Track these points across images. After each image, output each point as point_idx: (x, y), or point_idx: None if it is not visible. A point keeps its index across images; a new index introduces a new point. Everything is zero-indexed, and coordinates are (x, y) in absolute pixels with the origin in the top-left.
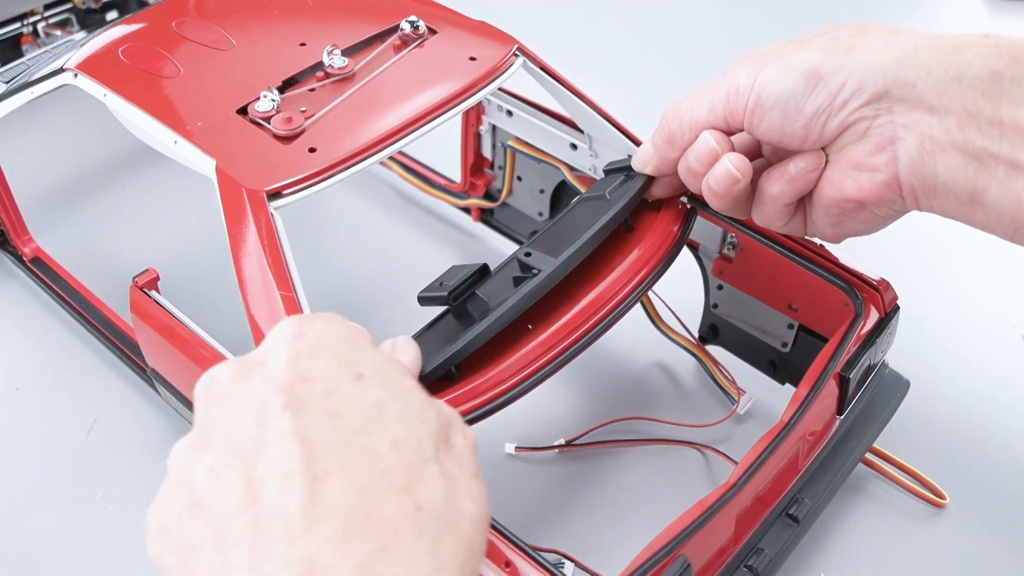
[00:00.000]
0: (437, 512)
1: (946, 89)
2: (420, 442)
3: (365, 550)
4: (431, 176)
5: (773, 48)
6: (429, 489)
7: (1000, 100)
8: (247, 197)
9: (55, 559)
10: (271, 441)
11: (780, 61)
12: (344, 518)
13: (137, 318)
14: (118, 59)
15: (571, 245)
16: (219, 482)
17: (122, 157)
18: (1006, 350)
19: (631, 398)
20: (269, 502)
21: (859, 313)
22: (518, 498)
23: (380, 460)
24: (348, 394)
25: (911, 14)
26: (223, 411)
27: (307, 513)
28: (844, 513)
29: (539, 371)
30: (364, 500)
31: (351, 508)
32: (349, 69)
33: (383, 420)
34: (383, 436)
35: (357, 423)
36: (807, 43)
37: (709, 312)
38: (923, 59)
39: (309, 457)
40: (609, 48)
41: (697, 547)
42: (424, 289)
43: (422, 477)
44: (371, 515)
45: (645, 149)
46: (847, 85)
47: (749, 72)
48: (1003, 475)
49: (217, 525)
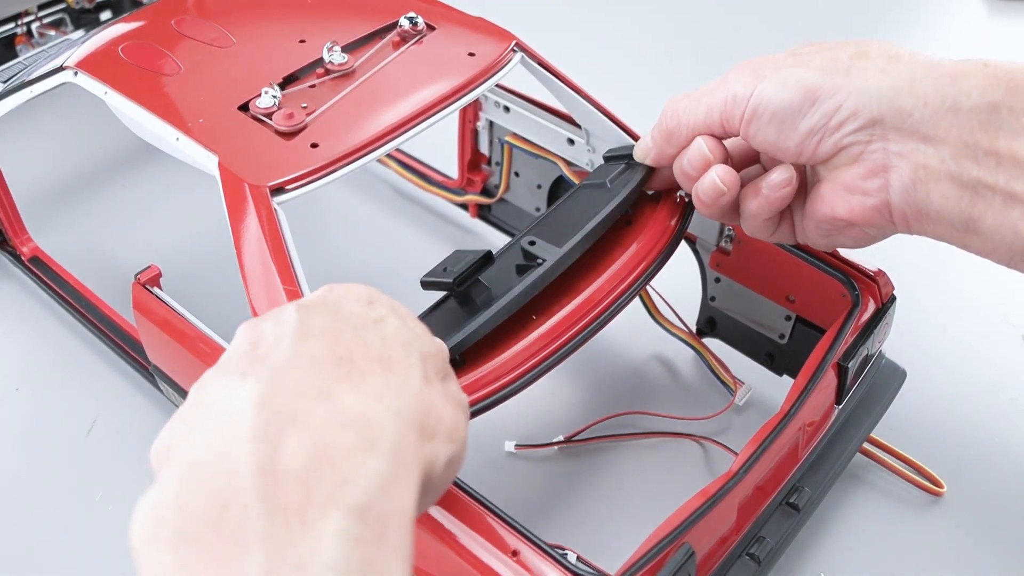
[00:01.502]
0: (407, 379)
1: (942, 119)
2: (409, 344)
3: (331, 374)
4: (428, 173)
5: (772, 59)
6: (403, 368)
7: (997, 131)
8: (250, 193)
9: (55, 559)
10: (277, 327)
11: (779, 76)
12: (322, 360)
13: (140, 315)
14: (118, 57)
15: (574, 235)
16: (223, 363)
17: (121, 156)
18: (1002, 341)
19: (629, 392)
20: (259, 350)
21: (857, 304)
22: (519, 495)
23: (364, 339)
24: (356, 309)
25: (912, 15)
26: (253, 328)
27: (288, 356)
28: (843, 502)
29: (537, 366)
30: (340, 350)
31: (329, 351)
32: (349, 65)
33: (379, 325)
34: (376, 332)
35: (354, 323)
36: (806, 58)
37: (707, 305)
38: (920, 88)
39: (302, 327)
40: (606, 43)
41: (700, 535)
42: (428, 273)
43: (400, 361)
44: (343, 358)
45: (645, 142)
46: (843, 107)
47: (747, 82)
48: (999, 463)
49: (207, 388)
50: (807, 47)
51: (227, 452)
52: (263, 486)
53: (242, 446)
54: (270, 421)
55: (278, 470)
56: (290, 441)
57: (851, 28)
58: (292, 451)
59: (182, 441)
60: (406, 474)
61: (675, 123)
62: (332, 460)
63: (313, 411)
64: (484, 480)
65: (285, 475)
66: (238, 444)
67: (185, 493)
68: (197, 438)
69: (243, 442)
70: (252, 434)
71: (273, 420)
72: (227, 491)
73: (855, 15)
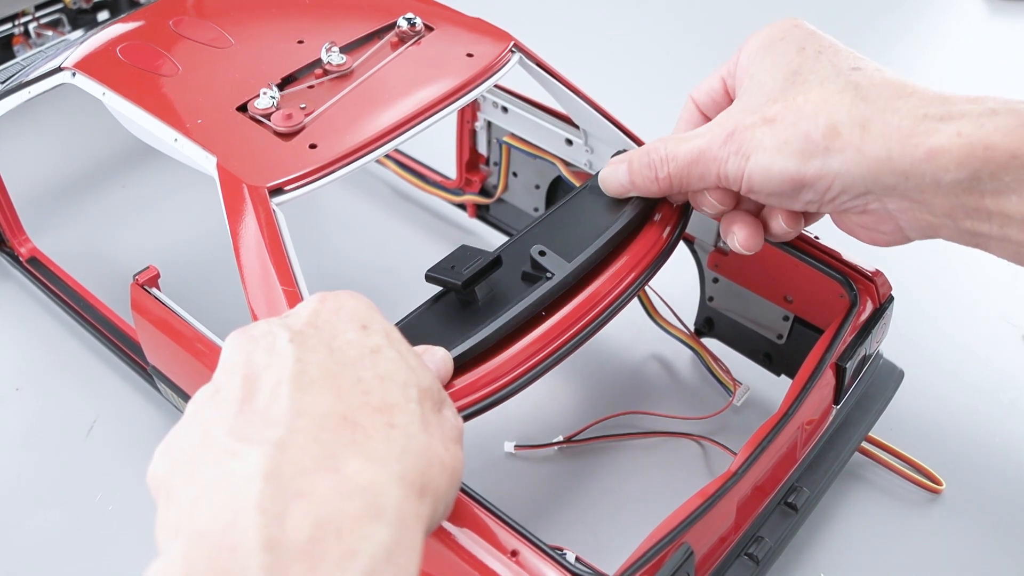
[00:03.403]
0: (409, 435)
1: (926, 190)
2: (407, 384)
3: (335, 440)
4: (427, 173)
5: (744, 116)
6: (405, 418)
7: (982, 195)
8: (248, 193)
9: (55, 559)
10: (272, 364)
11: (760, 161)
12: (321, 416)
13: (138, 316)
14: (116, 58)
15: (584, 249)
16: (219, 396)
17: (119, 156)
18: (1002, 341)
19: (628, 392)
20: (257, 399)
21: (855, 304)
22: (518, 496)
23: (364, 384)
24: (350, 337)
25: (912, 14)
26: (243, 353)
27: (287, 408)
28: (842, 500)
29: (536, 367)
30: (343, 407)
31: (329, 409)
32: (347, 66)
33: (375, 358)
34: (373, 370)
35: (351, 356)
36: (779, 129)
37: (705, 305)
38: (898, 166)
39: (299, 372)
40: (605, 44)
41: (699, 535)
42: (434, 268)
43: (401, 407)
44: (347, 418)
45: (619, 178)
46: (832, 188)
47: (735, 163)
48: (998, 461)
49: (206, 426)
50: (773, 94)
51: (233, 524)
52: (270, 561)
53: (248, 519)
54: (276, 495)
55: (283, 544)
56: (295, 514)
57: (852, 28)
58: (297, 524)
59: (185, 501)
60: (410, 536)
61: (665, 177)
62: (338, 531)
63: (319, 483)
64: (483, 480)
65: (290, 548)
66: (244, 516)
67: (191, 568)
68: (202, 506)
69: (249, 515)
70: (258, 507)
71: (279, 494)
72: (234, 567)
73: (856, 15)
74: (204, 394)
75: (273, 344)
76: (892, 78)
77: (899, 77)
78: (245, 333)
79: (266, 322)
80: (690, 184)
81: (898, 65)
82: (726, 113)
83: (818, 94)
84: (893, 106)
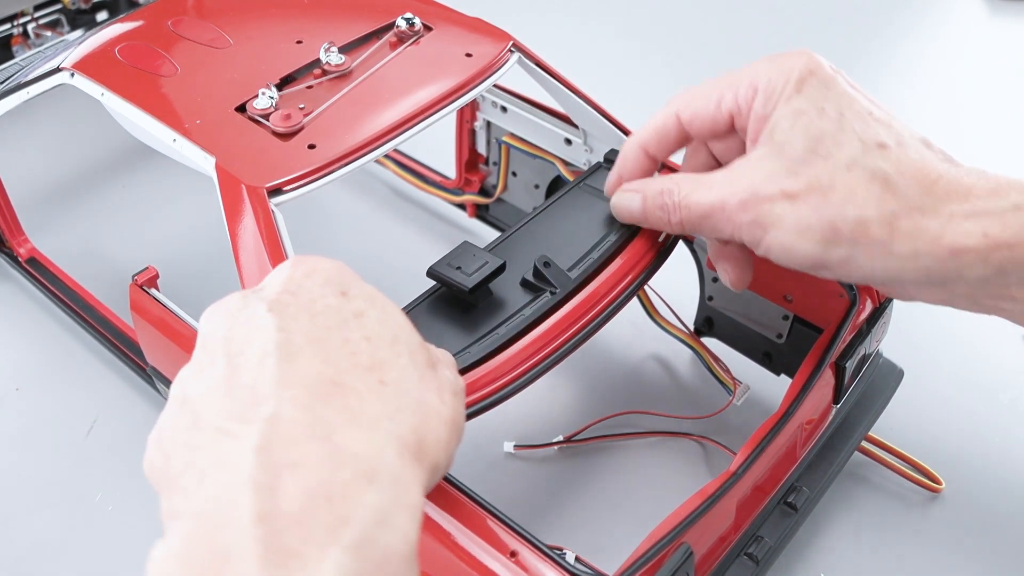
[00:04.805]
0: (402, 391)
1: (949, 282)
2: (395, 340)
3: (326, 407)
4: (426, 173)
5: (763, 185)
6: (396, 373)
7: (1007, 285)
8: (247, 194)
9: (55, 559)
10: (254, 336)
11: (779, 239)
12: (311, 384)
13: (137, 316)
14: (115, 58)
15: (588, 261)
16: (204, 376)
17: (118, 157)
18: (1002, 341)
19: (628, 392)
20: (243, 375)
21: (854, 303)
22: (518, 496)
23: (352, 345)
24: (331, 302)
25: (912, 15)
26: (223, 328)
27: (275, 381)
28: (842, 499)
29: (535, 367)
30: (331, 371)
31: (318, 376)
32: (346, 66)
33: (360, 321)
34: (359, 331)
35: (334, 321)
36: (801, 211)
37: (704, 304)
38: (923, 263)
39: (284, 341)
40: (604, 43)
41: (699, 535)
42: (438, 264)
43: (391, 363)
44: (336, 382)
45: (631, 207)
46: (853, 275)
47: (751, 233)
48: (998, 460)
49: (195, 408)
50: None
51: (227, 501)
52: (263, 533)
53: (241, 494)
54: (267, 468)
55: (275, 515)
56: (288, 485)
57: (852, 28)
58: (290, 495)
59: (183, 486)
60: (406, 496)
61: (677, 223)
62: (330, 498)
63: (310, 453)
64: (483, 481)
65: (283, 519)
66: (238, 492)
67: (190, 547)
68: (199, 488)
69: (242, 490)
70: (251, 482)
71: (270, 466)
72: (229, 542)
73: (857, 15)
74: (187, 375)
75: (252, 317)
76: (916, 160)
77: (922, 156)
78: (221, 308)
79: (240, 294)
80: (702, 232)
81: (899, 65)
82: (742, 169)
83: (845, 182)
84: (921, 203)
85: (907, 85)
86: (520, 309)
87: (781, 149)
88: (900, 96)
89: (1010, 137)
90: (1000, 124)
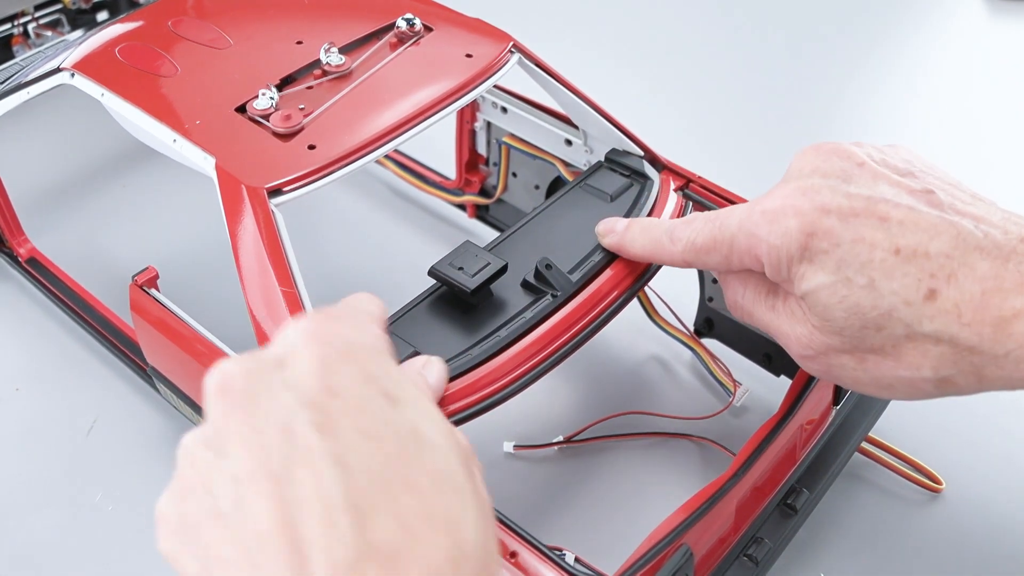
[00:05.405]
0: (476, 556)
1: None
2: (453, 473)
3: None
4: (426, 173)
5: (828, 355)
6: (469, 530)
7: None
8: (247, 194)
9: (55, 559)
10: (301, 460)
11: (852, 387)
12: (391, 559)
13: (137, 317)
14: (115, 58)
15: (588, 264)
16: (246, 496)
17: (118, 157)
18: None
19: (628, 393)
20: (311, 531)
21: None
22: (518, 496)
23: (421, 494)
24: (381, 415)
25: (913, 15)
26: (244, 415)
27: (356, 550)
28: (842, 501)
29: (536, 368)
30: (410, 540)
31: (399, 547)
32: (346, 67)
33: (418, 446)
34: (420, 466)
35: (391, 447)
36: (870, 367)
37: (704, 305)
38: None
39: (350, 487)
40: (604, 44)
41: (698, 536)
42: (439, 264)
43: (462, 517)
44: (417, 556)
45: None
46: None
47: (821, 373)
48: (998, 460)
49: (247, 543)
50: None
51: None
52: None
53: None
54: None
55: None
56: None
57: (853, 29)
58: None
59: None
60: None
61: None
62: None
63: None
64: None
65: None
66: None
67: None
68: None
69: None
70: None
71: None
72: None
73: (857, 17)
74: (202, 452)
75: (292, 427)
76: (976, 295)
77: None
78: (240, 386)
79: (259, 373)
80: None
81: (899, 65)
82: (804, 326)
83: (909, 353)
84: (999, 350)
85: (907, 86)
86: (521, 311)
87: (825, 324)
88: (900, 97)
89: (1010, 137)
90: (1000, 124)
